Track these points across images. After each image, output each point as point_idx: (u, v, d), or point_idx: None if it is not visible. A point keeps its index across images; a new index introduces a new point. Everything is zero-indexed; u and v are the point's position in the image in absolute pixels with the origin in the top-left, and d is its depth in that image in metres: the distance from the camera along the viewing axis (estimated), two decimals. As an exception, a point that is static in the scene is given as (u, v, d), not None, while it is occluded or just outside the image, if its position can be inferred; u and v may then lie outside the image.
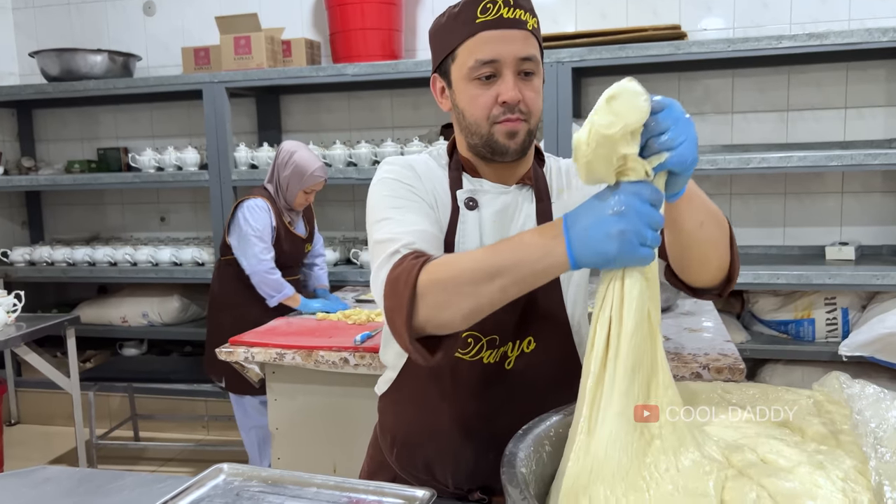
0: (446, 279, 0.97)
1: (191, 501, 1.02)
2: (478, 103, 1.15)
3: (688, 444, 0.83)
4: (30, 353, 3.02)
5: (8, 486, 1.39)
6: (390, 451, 1.33)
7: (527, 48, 1.14)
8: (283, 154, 3.00)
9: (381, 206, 1.16)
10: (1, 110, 4.46)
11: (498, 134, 1.15)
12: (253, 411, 3.06)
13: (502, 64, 1.13)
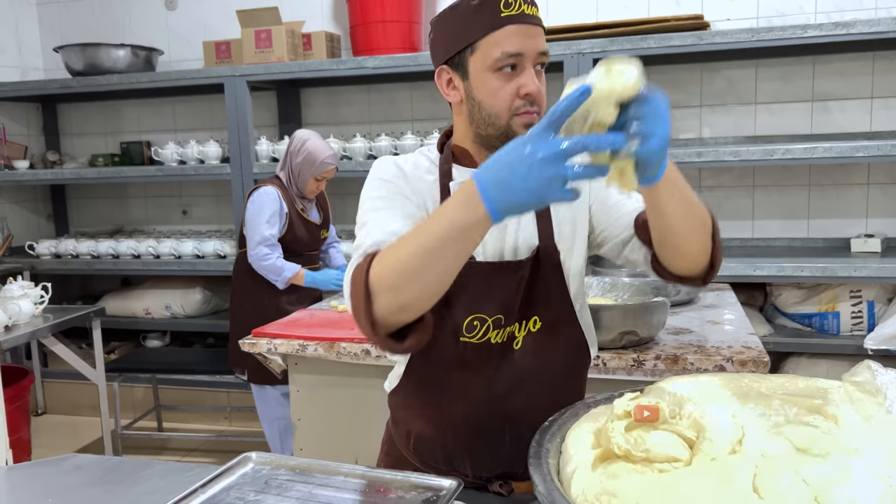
0: (391, 269, 1.00)
1: (221, 489, 1.03)
2: (500, 95, 1.17)
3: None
4: (57, 343, 3.07)
5: (39, 473, 1.41)
6: (407, 446, 1.34)
7: (543, 44, 1.19)
8: (295, 142, 3.03)
9: (363, 209, 1.21)
10: (27, 105, 4.52)
11: (516, 125, 1.18)
12: (274, 402, 3.09)
13: (525, 58, 1.16)
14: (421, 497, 1.00)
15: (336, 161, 3.03)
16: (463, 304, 1.22)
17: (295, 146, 3.02)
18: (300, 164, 2.99)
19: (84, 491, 1.31)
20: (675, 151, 3.13)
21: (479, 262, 1.23)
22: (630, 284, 2.41)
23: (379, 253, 1.04)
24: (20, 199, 4.50)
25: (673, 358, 2.03)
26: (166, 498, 1.18)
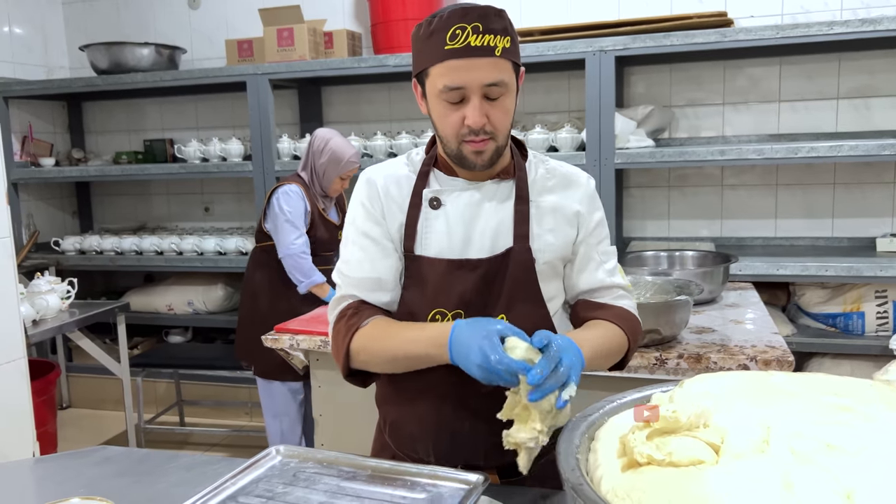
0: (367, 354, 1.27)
1: (250, 481, 1.05)
2: (446, 122, 1.23)
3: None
4: (83, 338, 3.12)
5: (70, 464, 1.44)
6: (384, 431, 1.41)
7: (493, 74, 1.18)
8: (317, 141, 3.03)
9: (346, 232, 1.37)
10: (52, 103, 4.58)
11: (465, 151, 1.24)
12: (280, 398, 3.08)
13: (468, 90, 1.19)
14: (448, 491, 1.01)
15: (359, 159, 3.04)
16: (425, 299, 1.29)
17: (318, 146, 3.02)
18: (325, 164, 3.00)
19: (113, 482, 1.33)
20: (697, 150, 3.11)
21: (437, 259, 1.28)
22: (652, 283, 2.40)
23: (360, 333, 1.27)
24: (46, 197, 4.56)
25: (696, 357, 2.02)
26: (194, 489, 1.20)
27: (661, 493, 0.75)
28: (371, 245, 1.32)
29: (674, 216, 3.74)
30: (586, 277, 1.37)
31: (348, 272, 1.34)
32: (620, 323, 1.34)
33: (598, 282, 1.37)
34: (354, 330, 1.28)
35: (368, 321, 1.29)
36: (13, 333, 2.48)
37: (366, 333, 1.27)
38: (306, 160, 3.06)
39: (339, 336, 1.29)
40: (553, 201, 1.34)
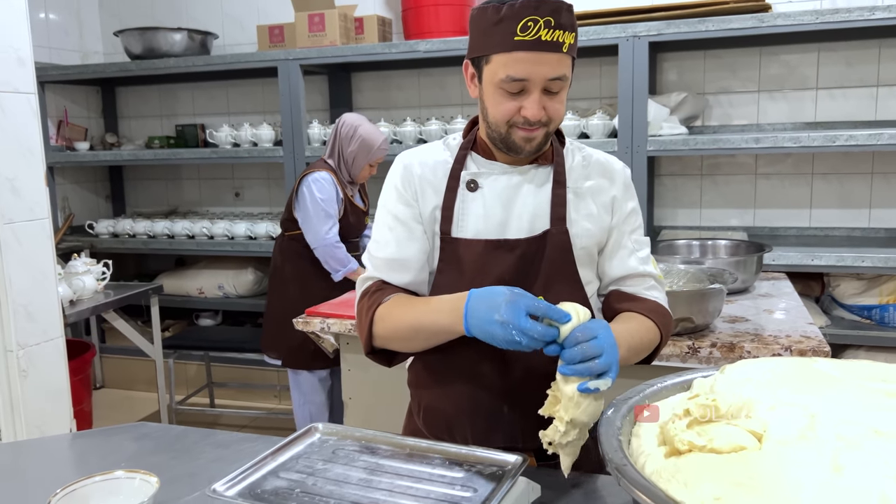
0: (387, 329, 1.28)
1: (290, 457, 1.06)
2: (501, 109, 1.23)
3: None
4: (117, 319, 3.17)
5: (111, 439, 1.47)
6: (418, 416, 1.41)
7: (558, 69, 1.19)
8: (346, 128, 2.98)
9: (378, 213, 1.39)
10: (87, 88, 4.64)
11: (515, 136, 1.24)
12: (307, 387, 3.08)
13: (531, 83, 1.19)
14: (487, 471, 1.01)
15: (388, 146, 3.03)
16: (462, 280, 1.29)
17: (346, 132, 2.98)
18: (355, 152, 2.96)
19: (153, 457, 1.35)
20: (731, 137, 3.07)
21: (475, 240, 1.29)
22: (685, 271, 2.37)
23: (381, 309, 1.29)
24: (80, 180, 4.64)
25: (729, 346, 2.00)
26: (232, 466, 1.22)
27: (707, 475, 0.74)
28: (399, 226, 1.34)
29: (705, 205, 3.70)
30: (617, 264, 1.36)
31: (375, 252, 1.36)
32: (654, 318, 1.33)
33: (630, 269, 1.36)
34: (375, 307, 1.30)
35: (390, 297, 1.31)
36: (52, 312, 2.54)
37: (386, 309, 1.29)
38: (333, 146, 3.02)
39: (362, 313, 1.32)
40: (590, 188, 1.34)
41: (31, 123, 2.46)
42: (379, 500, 0.93)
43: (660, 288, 1.40)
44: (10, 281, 2.38)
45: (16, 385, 2.41)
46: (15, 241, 2.40)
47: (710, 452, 0.81)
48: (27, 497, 1.24)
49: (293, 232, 3.05)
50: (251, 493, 0.96)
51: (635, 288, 1.37)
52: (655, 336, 1.33)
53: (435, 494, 0.95)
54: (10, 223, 2.38)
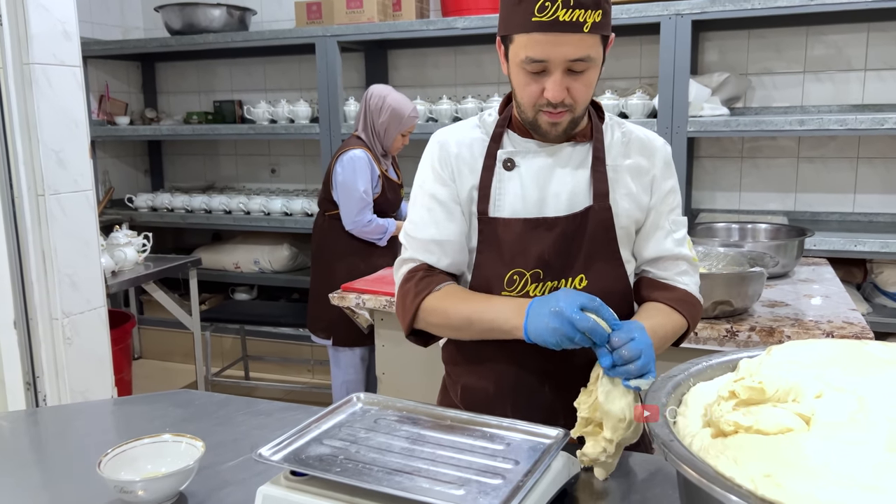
0: (436, 318, 1.29)
1: (333, 425, 1.08)
2: (526, 91, 1.21)
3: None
4: (157, 290, 3.23)
5: (156, 405, 1.51)
6: (455, 393, 1.41)
7: (578, 50, 1.15)
8: (374, 99, 2.96)
9: (414, 192, 1.38)
10: (127, 63, 4.70)
11: (541, 121, 1.23)
12: (346, 365, 3.11)
13: (551, 64, 1.16)
14: (528, 444, 1.02)
15: (417, 113, 3.01)
16: (502, 260, 1.28)
17: (375, 104, 2.96)
18: (386, 122, 2.95)
19: (198, 423, 1.38)
20: (774, 119, 3.00)
21: (514, 219, 1.27)
22: (724, 254, 2.34)
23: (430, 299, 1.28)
24: (121, 154, 4.72)
25: (768, 330, 1.97)
26: (273, 434, 1.24)
27: (756, 453, 0.74)
28: (437, 207, 1.33)
29: (745, 188, 3.63)
30: (653, 245, 1.34)
31: (414, 233, 1.35)
32: (682, 309, 1.32)
33: (665, 251, 1.34)
34: (426, 293, 1.29)
35: (442, 286, 1.30)
36: (95, 282, 2.60)
37: (438, 298, 1.28)
38: (364, 120, 2.99)
39: (408, 297, 1.31)
40: (629, 166, 1.31)
41: (76, 96, 2.50)
42: (421, 469, 0.95)
43: (692, 272, 1.38)
44: (55, 251, 2.43)
45: (60, 352, 2.48)
46: (60, 211, 2.45)
47: (756, 433, 0.80)
48: (79, 456, 1.28)
49: (333, 212, 3.05)
50: (296, 458, 0.97)
51: (667, 272, 1.35)
52: (681, 328, 1.32)
53: (477, 465, 0.95)
54: (55, 194, 2.44)
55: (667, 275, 1.35)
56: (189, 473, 1.09)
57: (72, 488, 1.17)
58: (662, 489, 1.09)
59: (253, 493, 0.99)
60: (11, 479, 1.22)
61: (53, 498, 1.15)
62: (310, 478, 0.94)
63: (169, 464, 1.12)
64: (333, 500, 0.91)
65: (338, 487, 0.92)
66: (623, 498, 1.07)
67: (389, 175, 3.07)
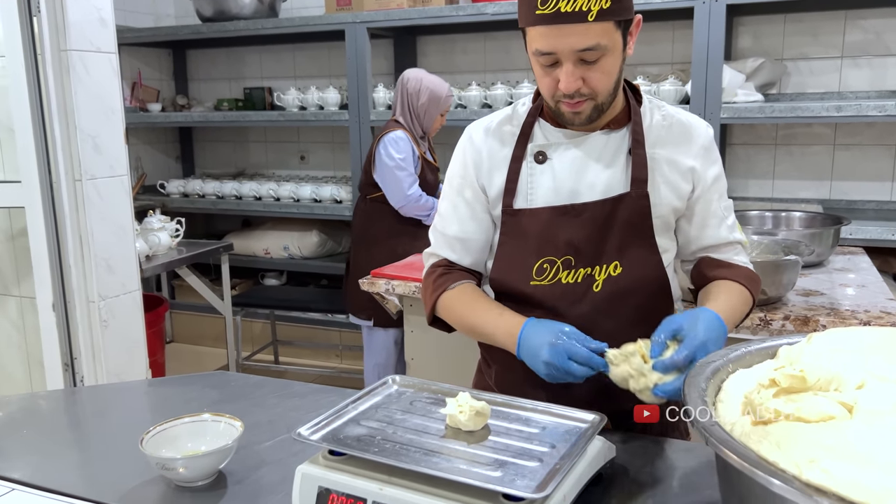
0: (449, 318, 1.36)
1: (369, 406, 1.09)
2: (542, 83, 1.21)
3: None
4: (190, 275, 3.28)
5: (193, 386, 1.53)
6: (489, 376, 1.42)
7: (585, 40, 1.12)
8: (412, 83, 3.03)
9: (445, 187, 1.41)
10: (159, 50, 4.75)
11: (563, 110, 1.22)
12: (380, 347, 3.14)
13: (560, 55, 1.15)
14: (564, 428, 1.02)
15: (452, 92, 3.09)
16: (529, 250, 1.28)
17: (413, 87, 3.03)
18: (426, 104, 3.02)
19: (235, 403, 1.41)
20: (810, 105, 2.95)
21: (540, 209, 1.27)
22: (758, 242, 2.31)
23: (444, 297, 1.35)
24: (152, 141, 4.78)
25: (803, 319, 1.95)
26: (309, 415, 1.25)
27: (799, 439, 0.73)
28: (463, 205, 1.35)
29: (778, 176, 3.58)
30: (710, 234, 1.34)
31: (440, 227, 1.39)
32: (748, 285, 1.32)
33: (721, 238, 1.34)
34: (441, 291, 1.34)
35: (456, 286, 1.34)
36: (130, 266, 2.64)
37: (451, 298, 1.34)
38: (403, 104, 3.06)
39: (427, 291, 1.38)
40: (667, 154, 1.29)
41: (112, 83, 2.54)
42: (458, 451, 0.95)
43: (744, 254, 1.38)
44: (92, 235, 2.48)
45: (97, 334, 2.53)
46: (97, 196, 2.50)
47: (797, 421, 0.80)
48: (120, 435, 1.31)
49: (376, 195, 3.09)
50: (334, 438, 0.99)
51: (725, 255, 1.36)
52: (749, 305, 1.32)
53: (513, 448, 0.96)
54: (92, 179, 2.48)
55: (724, 257, 1.36)
56: (228, 452, 1.11)
57: (113, 465, 1.20)
58: (699, 475, 1.09)
59: (289, 473, 1.00)
60: (54, 456, 1.25)
61: (96, 474, 1.18)
62: (347, 457, 0.96)
63: (208, 442, 1.14)
64: (371, 479, 0.92)
65: (375, 467, 0.93)
66: (659, 483, 1.07)
67: (427, 157, 3.11)
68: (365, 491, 0.91)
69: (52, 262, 2.45)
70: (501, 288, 1.35)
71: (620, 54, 1.19)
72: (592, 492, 1.02)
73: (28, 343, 2.74)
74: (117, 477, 1.14)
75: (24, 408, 1.49)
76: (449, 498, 0.87)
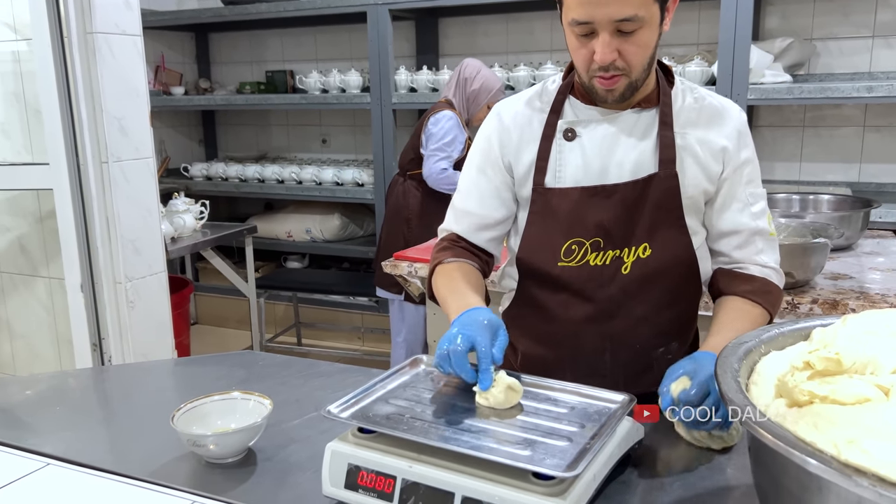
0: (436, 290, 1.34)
1: (398, 385, 1.09)
2: (577, 55, 1.19)
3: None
4: (215, 257, 3.31)
5: (221, 365, 1.55)
6: (515, 360, 1.41)
7: (625, 10, 1.10)
8: (469, 68, 3.14)
9: (467, 163, 1.40)
10: (182, 34, 4.77)
11: (596, 86, 1.19)
12: (411, 322, 3.20)
13: (598, 25, 1.12)
14: (593, 408, 1.02)
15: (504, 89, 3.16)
16: (558, 230, 1.27)
17: (470, 73, 3.13)
18: (477, 92, 3.10)
19: (260, 382, 1.42)
20: (840, 86, 2.89)
21: (571, 188, 1.25)
22: (786, 225, 2.28)
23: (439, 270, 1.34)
24: (175, 124, 4.81)
25: (832, 303, 1.92)
26: (335, 394, 1.26)
27: (837, 420, 0.72)
28: (484, 182, 1.34)
29: (805, 159, 3.52)
30: (729, 217, 1.30)
31: (457, 202, 1.39)
32: (763, 300, 1.28)
33: (741, 224, 1.29)
34: (437, 263, 1.36)
35: (452, 261, 1.34)
36: (156, 248, 2.66)
37: (441, 272, 1.34)
38: (457, 86, 3.15)
39: (430, 264, 1.39)
40: (700, 134, 1.27)
41: (137, 65, 2.55)
42: (487, 430, 0.95)
43: (769, 249, 1.33)
44: (118, 217, 2.50)
45: (124, 315, 2.56)
46: (123, 178, 2.52)
47: (832, 403, 0.78)
48: (150, 412, 1.33)
49: (415, 171, 3.17)
50: (363, 415, 0.99)
51: (743, 253, 1.31)
52: (764, 321, 1.28)
53: (543, 427, 0.96)
54: (118, 161, 2.50)
55: (743, 256, 1.31)
56: (258, 430, 1.12)
57: (144, 441, 1.21)
58: (727, 457, 1.08)
59: (318, 451, 1.01)
60: (86, 432, 1.27)
61: (127, 450, 1.20)
62: (377, 435, 0.96)
63: (238, 420, 1.15)
64: (401, 456, 0.93)
65: (405, 445, 0.94)
66: (687, 464, 1.07)
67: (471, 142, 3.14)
68: (395, 468, 0.92)
69: (79, 243, 2.48)
70: (528, 268, 1.33)
71: (657, 29, 1.17)
72: (621, 472, 1.02)
73: (57, 323, 2.78)
74: (148, 453, 1.15)
75: (54, 386, 1.51)
76: (479, 476, 0.88)
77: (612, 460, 0.95)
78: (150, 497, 1.02)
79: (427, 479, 0.90)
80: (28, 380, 1.57)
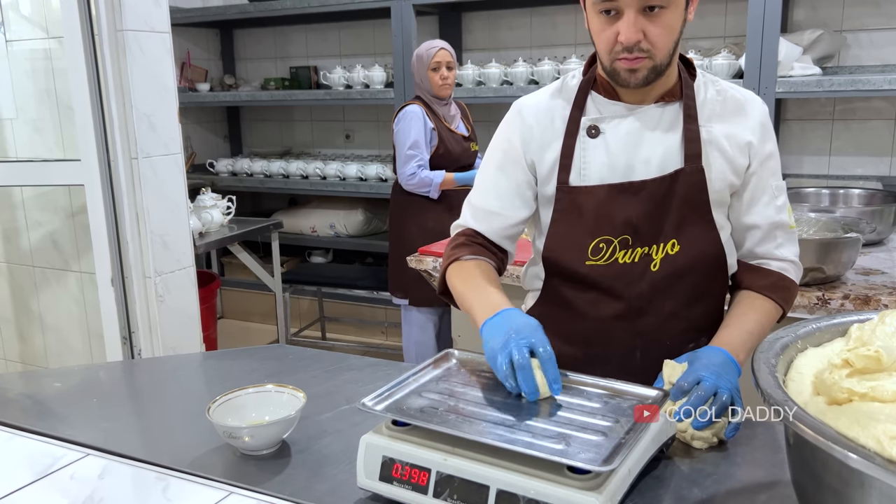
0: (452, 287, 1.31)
1: (430, 379, 1.10)
2: (600, 38, 1.17)
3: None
4: (241, 252, 3.34)
5: (252, 358, 1.57)
6: None
7: None
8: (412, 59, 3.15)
9: (485, 161, 1.38)
10: (207, 30, 4.81)
11: (619, 68, 1.17)
12: (417, 326, 3.19)
13: (623, 3, 1.11)
14: (626, 403, 1.02)
15: (440, 43, 3.08)
16: (585, 228, 1.26)
17: (412, 62, 3.14)
18: (415, 68, 3.09)
19: (292, 375, 1.43)
20: (871, 78, 2.85)
21: (597, 186, 1.24)
22: (816, 220, 2.25)
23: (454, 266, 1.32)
24: (201, 120, 4.85)
25: (864, 299, 1.90)
26: (366, 388, 1.28)
27: (878, 416, 0.72)
28: (504, 180, 1.33)
29: (835, 152, 3.47)
30: (757, 211, 1.29)
31: (475, 200, 1.37)
32: (775, 296, 1.29)
33: (766, 218, 1.29)
34: (453, 259, 1.33)
35: (469, 258, 1.32)
36: (184, 242, 2.70)
37: (457, 269, 1.31)
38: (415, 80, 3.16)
39: (444, 260, 1.36)
40: (725, 129, 1.26)
41: (165, 62, 2.58)
42: (520, 423, 0.96)
43: (789, 243, 1.33)
44: (148, 212, 2.54)
45: (154, 309, 2.60)
46: (152, 174, 2.55)
47: (872, 400, 0.78)
48: (184, 404, 1.35)
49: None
50: (398, 408, 1.00)
51: (763, 247, 1.31)
52: (776, 315, 1.29)
53: (577, 422, 0.96)
54: (147, 157, 2.53)
55: (763, 251, 1.31)
56: (292, 422, 1.13)
57: (180, 433, 1.23)
58: (762, 452, 1.08)
59: (351, 443, 1.02)
60: (122, 423, 1.30)
61: (163, 441, 1.22)
62: (411, 428, 0.97)
63: (272, 412, 1.16)
64: (435, 449, 0.93)
65: (439, 437, 0.94)
66: (722, 459, 1.06)
67: (454, 128, 3.12)
68: (429, 461, 0.92)
69: (110, 238, 2.52)
70: (555, 267, 1.32)
71: (682, 13, 1.16)
72: (654, 467, 1.02)
73: (88, 317, 2.83)
74: (184, 444, 1.17)
75: (87, 378, 1.54)
76: (514, 469, 0.88)
77: (647, 455, 0.95)
78: (189, 487, 1.04)
79: (462, 472, 0.90)
80: (62, 372, 1.60)
